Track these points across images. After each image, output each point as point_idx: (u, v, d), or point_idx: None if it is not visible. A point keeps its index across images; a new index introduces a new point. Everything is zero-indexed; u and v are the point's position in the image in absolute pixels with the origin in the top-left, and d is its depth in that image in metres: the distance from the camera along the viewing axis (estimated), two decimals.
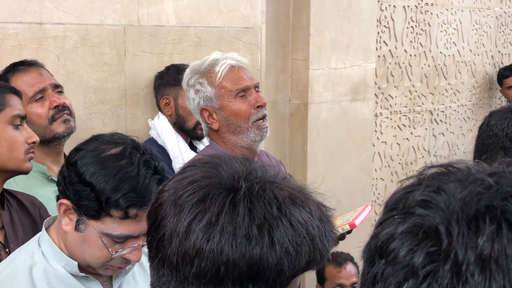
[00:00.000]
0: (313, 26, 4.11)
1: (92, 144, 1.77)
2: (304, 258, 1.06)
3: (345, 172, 4.48)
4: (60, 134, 2.66)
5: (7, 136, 2.13)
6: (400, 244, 0.75)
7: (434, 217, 0.75)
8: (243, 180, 1.09)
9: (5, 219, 2.19)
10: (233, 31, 3.68)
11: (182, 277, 1.07)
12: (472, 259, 0.70)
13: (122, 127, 3.30)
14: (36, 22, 2.99)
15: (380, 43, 4.83)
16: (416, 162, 5.32)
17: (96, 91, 3.21)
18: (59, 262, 1.80)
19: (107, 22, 3.21)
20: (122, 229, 1.73)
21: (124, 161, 1.72)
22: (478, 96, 5.90)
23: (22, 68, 2.67)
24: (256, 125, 2.66)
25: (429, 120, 5.41)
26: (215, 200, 1.06)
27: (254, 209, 1.05)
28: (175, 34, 3.45)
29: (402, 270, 0.74)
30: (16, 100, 2.19)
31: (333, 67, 4.29)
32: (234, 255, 1.03)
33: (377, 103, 4.87)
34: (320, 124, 4.28)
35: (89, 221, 1.73)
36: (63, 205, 1.76)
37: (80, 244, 1.77)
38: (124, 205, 1.68)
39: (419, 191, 0.78)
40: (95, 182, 1.69)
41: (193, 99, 2.69)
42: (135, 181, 1.70)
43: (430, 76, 5.32)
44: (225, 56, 2.71)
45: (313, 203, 1.11)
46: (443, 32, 5.39)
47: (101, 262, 1.78)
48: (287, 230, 1.05)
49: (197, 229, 1.05)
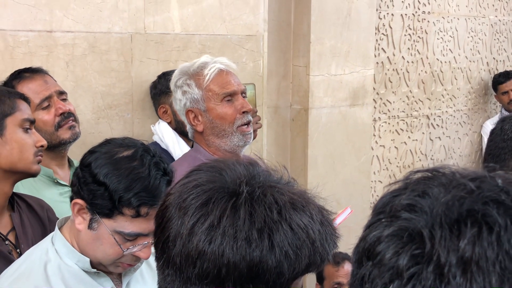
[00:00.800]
0: (313, 33, 4.16)
1: (105, 147, 1.83)
2: (304, 261, 1.08)
3: (345, 174, 4.52)
4: (66, 140, 2.69)
5: (18, 138, 2.17)
6: (386, 247, 0.77)
7: (418, 220, 0.76)
8: (245, 185, 1.11)
9: (16, 221, 2.22)
10: (236, 38, 3.72)
11: (185, 278, 1.09)
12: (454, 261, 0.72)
13: (128, 131, 3.35)
14: (46, 30, 3.04)
15: (379, 50, 4.88)
16: (414, 165, 5.36)
17: (104, 96, 3.26)
18: (71, 259, 1.85)
19: (114, 30, 3.26)
20: (134, 227, 1.78)
21: (135, 163, 1.78)
22: (473, 101, 5.95)
23: (28, 75, 2.69)
24: (240, 130, 2.64)
25: (426, 125, 5.47)
26: (217, 204, 1.09)
27: (255, 213, 1.07)
28: (180, 41, 3.49)
29: (387, 272, 0.75)
30: (26, 105, 2.23)
31: (333, 73, 4.34)
32: (234, 257, 1.05)
33: (375, 108, 4.93)
34: (321, 128, 4.33)
35: (102, 220, 1.79)
36: (77, 204, 1.81)
37: (93, 242, 1.82)
38: (136, 204, 1.74)
39: (405, 195, 0.80)
40: (108, 182, 1.75)
41: (180, 100, 2.68)
42: (146, 181, 1.75)
43: (427, 82, 5.38)
44: (214, 60, 2.69)
45: (314, 207, 1.13)
46: (440, 39, 5.44)
47: (112, 259, 1.84)
48: (287, 234, 1.06)
49: (200, 232, 1.07)
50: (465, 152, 5.95)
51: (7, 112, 2.15)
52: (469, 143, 5.99)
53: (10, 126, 2.16)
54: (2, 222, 2.21)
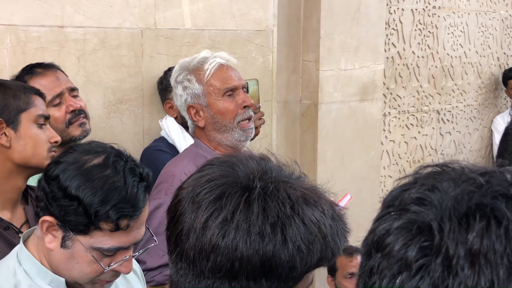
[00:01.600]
0: (323, 28, 4.17)
1: (71, 156, 1.68)
2: (315, 255, 1.09)
3: (354, 169, 4.54)
4: (76, 137, 2.71)
5: (32, 133, 2.17)
6: (395, 239, 0.77)
7: (427, 213, 0.77)
8: (258, 180, 1.12)
9: (30, 214, 2.22)
10: (246, 33, 3.73)
11: (199, 271, 1.10)
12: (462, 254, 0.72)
13: (139, 125, 3.37)
14: (58, 26, 3.05)
15: (389, 45, 4.89)
16: (424, 160, 5.37)
17: (115, 91, 3.28)
18: (44, 280, 1.71)
19: (125, 26, 3.27)
20: (113, 242, 1.65)
21: (109, 171, 1.63)
22: (484, 96, 5.95)
23: (40, 71, 2.70)
24: (241, 125, 2.63)
25: (436, 120, 5.47)
26: (231, 199, 1.09)
27: (268, 208, 1.08)
28: (190, 37, 3.51)
29: (396, 264, 0.76)
30: (41, 101, 2.24)
31: (343, 68, 4.35)
32: (248, 252, 1.06)
33: (385, 103, 4.93)
34: (330, 123, 4.34)
35: (77, 237, 1.64)
36: (45, 222, 1.66)
37: (67, 261, 1.68)
38: (115, 217, 1.61)
39: (415, 189, 0.81)
40: (81, 195, 1.60)
41: (181, 95, 2.66)
42: (123, 191, 1.62)
43: (437, 77, 5.38)
44: (214, 55, 2.67)
45: (325, 202, 1.14)
46: (450, 34, 5.44)
47: (90, 277, 1.70)
48: (300, 229, 1.07)
49: (213, 226, 1.08)
50: (475, 147, 5.95)
51: (22, 108, 2.16)
52: (479, 138, 5.98)
53: (25, 121, 2.17)
54: (16, 215, 2.22)
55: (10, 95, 2.17)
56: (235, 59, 2.71)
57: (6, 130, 2.15)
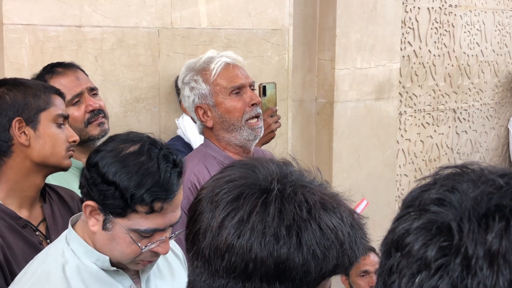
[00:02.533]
0: (339, 27, 4.18)
1: (110, 145, 1.77)
2: (331, 262, 1.08)
3: (370, 168, 4.54)
4: (95, 136, 2.72)
5: (51, 133, 2.19)
6: (415, 238, 0.78)
7: (447, 214, 0.78)
8: (276, 182, 1.12)
9: (47, 212, 2.25)
10: (262, 32, 3.74)
11: (213, 270, 1.11)
12: (481, 254, 0.73)
13: (156, 124, 3.39)
14: (76, 25, 3.08)
15: (405, 43, 4.88)
16: (440, 159, 5.37)
17: (132, 90, 3.30)
18: (90, 258, 1.81)
19: (142, 25, 3.29)
20: (149, 223, 1.74)
21: (143, 158, 1.73)
22: (500, 95, 5.92)
23: (60, 70, 2.72)
24: (249, 124, 2.61)
25: (453, 118, 5.46)
26: (248, 200, 1.10)
27: (285, 211, 1.07)
28: (206, 36, 3.52)
29: (416, 263, 0.77)
30: (60, 100, 2.26)
31: (358, 67, 4.35)
32: (262, 253, 1.06)
33: (401, 101, 4.93)
34: (346, 122, 4.34)
35: (116, 219, 1.74)
36: (88, 206, 1.76)
37: (109, 243, 1.78)
38: (149, 200, 1.70)
39: (434, 190, 0.81)
40: (118, 180, 1.70)
41: (188, 96, 2.65)
42: (157, 176, 1.71)
43: (453, 75, 5.36)
44: (220, 54, 2.66)
45: (345, 210, 1.13)
46: (467, 33, 5.42)
47: (131, 257, 1.79)
48: (316, 233, 1.07)
49: (229, 226, 1.08)
50: (492, 146, 5.92)
51: (41, 107, 2.19)
52: (496, 137, 5.96)
53: (44, 121, 2.19)
54: (34, 213, 2.25)
55: (30, 94, 2.19)
56: (241, 58, 2.70)
57: (25, 129, 2.17)
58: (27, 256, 2.11)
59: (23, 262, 2.09)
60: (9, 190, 2.20)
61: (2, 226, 2.11)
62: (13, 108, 2.18)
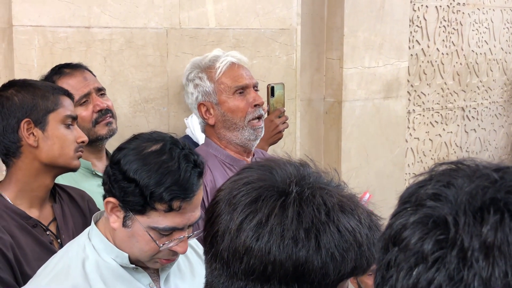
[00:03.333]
0: (347, 26, 4.18)
1: (133, 143, 1.81)
2: (350, 264, 1.09)
3: (378, 167, 4.54)
4: (103, 136, 2.76)
5: (59, 134, 2.21)
6: (412, 232, 0.79)
7: (443, 208, 0.79)
8: (294, 185, 1.12)
9: (57, 212, 2.28)
10: (270, 32, 3.74)
11: (232, 273, 1.11)
12: (477, 246, 0.74)
13: (164, 124, 3.39)
14: (84, 26, 3.09)
15: (413, 42, 4.88)
16: (449, 157, 5.35)
17: (141, 90, 3.31)
18: (109, 255, 1.84)
19: (150, 26, 3.30)
20: (168, 222, 1.76)
21: (164, 157, 1.75)
22: (509, 93, 5.90)
23: (68, 71, 2.75)
24: (251, 124, 2.64)
25: (461, 117, 5.45)
26: (266, 202, 1.10)
27: (303, 213, 1.08)
28: (214, 36, 3.52)
29: (413, 256, 0.78)
30: (69, 101, 2.28)
31: (367, 66, 4.35)
32: (281, 256, 1.06)
33: (409, 100, 4.92)
34: (354, 121, 4.34)
35: (136, 216, 1.77)
36: (109, 203, 1.80)
37: (128, 239, 1.81)
38: (168, 198, 1.72)
39: (430, 185, 0.83)
40: (138, 178, 1.73)
41: (192, 93, 2.68)
42: (177, 175, 1.73)
43: (462, 74, 5.35)
44: (226, 53, 2.69)
45: (363, 211, 1.14)
46: (475, 31, 5.41)
47: (149, 255, 1.82)
48: (334, 236, 1.07)
49: (248, 228, 1.09)
50: (501, 144, 5.91)
51: (50, 108, 2.20)
52: (505, 135, 5.94)
53: (52, 122, 2.21)
54: (44, 213, 2.26)
55: (39, 95, 2.21)
56: (246, 58, 2.73)
57: (34, 130, 2.19)
58: (38, 256, 2.13)
59: (33, 261, 2.11)
60: (18, 190, 2.22)
61: (12, 226, 2.14)
62: (21, 110, 2.19)
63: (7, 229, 2.10)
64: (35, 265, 2.07)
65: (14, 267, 2.07)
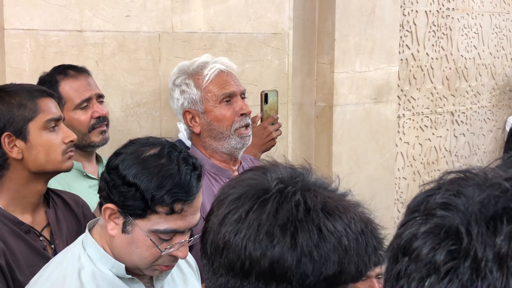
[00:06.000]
0: (338, 31, 4.18)
1: (130, 148, 1.81)
2: (332, 267, 1.07)
3: (369, 171, 4.54)
4: (95, 143, 2.77)
5: (43, 141, 2.17)
6: (423, 243, 0.78)
7: (454, 218, 0.78)
8: (279, 183, 1.13)
9: (51, 217, 2.25)
10: (262, 36, 3.75)
11: (214, 268, 1.13)
12: (491, 257, 0.73)
13: (156, 128, 3.38)
14: (77, 30, 3.08)
15: (403, 47, 4.89)
16: (438, 161, 5.37)
17: (133, 94, 3.30)
18: (105, 265, 1.82)
19: (142, 29, 3.29)
20: (169, 224, 1.75)
21: (164, 160, 1.75)
22: (498, 97, 5.92)
23: (73, 74, 2.75)
24: (238, 132, 2.60)
25: (450, 121, 5.47)
26: (249, 198, 1.11)
27: (281, 210, 1.08)
28: (206, 40, 3.52)
29: (424, 267, 0.77)
30: (49, 103, 2.21)
31: (358, 70, 4.35)
32: (256, 251, 1.07)
33: (399, 104, 4.93)
34: (345, 125, 4.35)
35: (136, 221, 1.76)
36: (108, 209, 1.78)
37: (128, 246, 1.79)
38: (170, 201, 1.72)
39: (440, 195, 0.82)
40: (139, 182, 1.73)
41: (178, 99, 2.65)
42: (177, 178, 1.73)
43: (451, 78, 5.37)
44: (215, 60, 2.65)
45: (355, 216, 1.13)
46: (464, 36, 5.43)
47: (149, 261, 1.81)
48: (312, 235, 1.06)
49: (228, 223, 1.10)
50: (489, 148, 5.94)
51: (28, 117, 2.15)
52: (493, 139, 5.97)
53: (33, 130, 2.16)
54: (37, 219, 2.24)
55: (14, 106, 2.15)
56: (235, 66, 2.70)
57: (16, 142, 2.15)
58: (31, 262, 2.12)
59: (26, 268, 2.10)
60: (10, 198, 2.19)
61: (4, 232, 2.12)
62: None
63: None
64: (28, 272, 2.06)
65: (6, 274, 2.05)
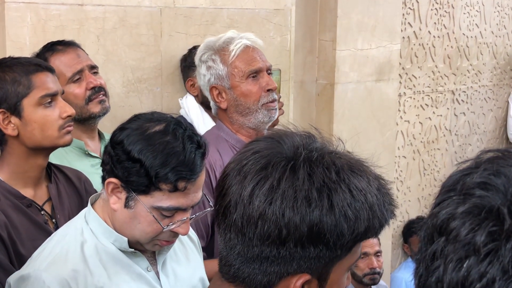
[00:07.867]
0: (340, 8, 4.16)
1: (135, 123, 1.79)
2: (363, 224, 1.09)
3: (369, 150, 4.51)
4: (96, 114, 2.73)
5: (37, 117, 2.14)
6: (461, 223, 0.77)
7: (494, 198, 0.76)
8: (302, 149, 1.13)
9: (53, 192, 2.24)
10: (264, 12, 3.72)
11: (247, 240, 1.12)
12: None
13: (158, 105, 3.37)
14: (78, 4, 3.06)
15: (405, 24, 4.87)
16: (438, 140, 5.38)
17: (134, 70, 3.28)
18: (108, 239, 1.83)
19: (144, 4, 3.27)
20: (171, 202, 1.75)
21: (169, 137, 1.75)
22: (499, 77, 5.92)
23: (60, 48, 2.70)
24: (265, 106, 2.61)
25: (451, 100, 5.46)
26: (276, 167, 1.11)
27: (314, 174, 1.09)
28: (208, 15, 3.50)
29: (463, 248, 0.76)
30: (45, 77, 2.18)
31: (359, 48, 4.33)
32: (295, 217, 1.07)
33: (401, 83, 4.92)
34: (346, 103, 4.34)
35: (139, 197, 1.76)
36: (111, 184, 1.78)
37: (130, 221, 1.80)
38: (173, 179, 1.72)
39: (478, 174, 0.80)
40: (143, 158, 1.72)
41: (204, 75, 2.64)
42: (182, 156, 1.73)
43: (452, 57, 5.36)
44: (240, 35, 2.64)
45: (371, 174, 1.15)
46: (466, 14, 5.41)
47: (150, 237, 1.81)
48: (346, 195, 1.08)
49: (260, 194, 1.10)
50: (489, 128, 5.94)
51: (22, 94, 2.13)
52: (494, 118, 5.97)
53: (28, 107, 2.14)
54: (39, 193, 2.24)
55: (8, 82, 2.13)
56: (261, 41, 2.68)
57: (11, 118, 2.13)
58: (32, 235, 2.12)
59: (28, 241, 2.10)
60: (11, 172, 2.19)
61: (6, 205, 2.11)
62: None
63: (1, 209, 2.08)
64: (29, 245, 2.06)
65: (8, 247, 2.05)
